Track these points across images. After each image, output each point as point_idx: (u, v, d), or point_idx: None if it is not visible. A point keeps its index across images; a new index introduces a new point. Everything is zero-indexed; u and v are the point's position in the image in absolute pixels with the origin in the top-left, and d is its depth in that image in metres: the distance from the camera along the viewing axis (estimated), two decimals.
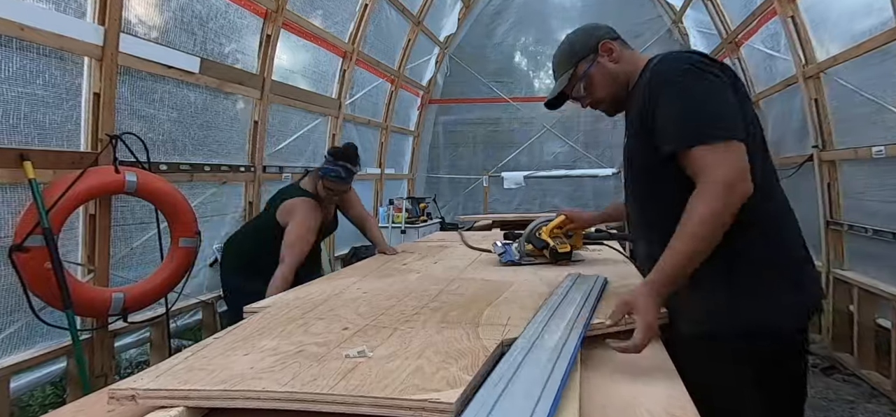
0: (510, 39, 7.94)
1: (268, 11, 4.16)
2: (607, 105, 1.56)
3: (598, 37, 1.53)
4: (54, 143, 2.76)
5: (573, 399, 0.96)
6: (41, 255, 2.51)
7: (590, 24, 1.61)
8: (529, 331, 1.25)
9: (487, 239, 3.14)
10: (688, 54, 1.36)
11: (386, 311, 1.49)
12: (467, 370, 1.00)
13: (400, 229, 6.51)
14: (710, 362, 1.27)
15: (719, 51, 6.20)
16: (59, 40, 2.67)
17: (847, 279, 3.96)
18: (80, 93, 2.88)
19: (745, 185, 1.21)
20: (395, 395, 0.90)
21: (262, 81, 4.23)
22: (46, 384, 2.93)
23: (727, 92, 1.29)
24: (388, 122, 6.83)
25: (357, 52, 5.57)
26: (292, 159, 4.91)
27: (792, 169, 4.84)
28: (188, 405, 0.95)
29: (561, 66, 1.59)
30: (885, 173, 3.58)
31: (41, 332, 2.74)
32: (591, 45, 1.52)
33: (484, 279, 1.97)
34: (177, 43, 3.44)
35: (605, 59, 1.51)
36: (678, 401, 1.01)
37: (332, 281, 1.98)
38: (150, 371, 1.05)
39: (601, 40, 1.52)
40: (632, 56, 1.53)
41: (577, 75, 1.54)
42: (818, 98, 4.24)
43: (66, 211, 2.65)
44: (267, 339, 1.24)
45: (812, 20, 4.22)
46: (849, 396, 3.49)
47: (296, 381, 0.97)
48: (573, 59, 1.55)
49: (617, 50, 1.51)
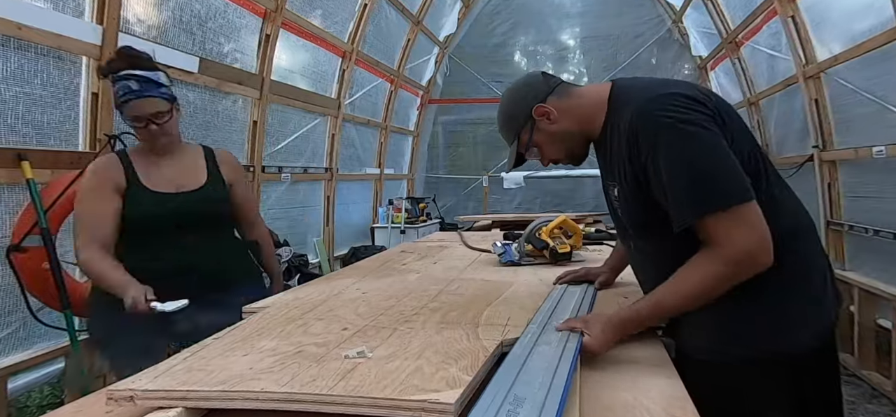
0: (510, 39, 7.94)
1: (267, 11, 4.15)
2: (566, 160, 1.46)
3: (529, 104, 1.40)
4: (52, 143, 2.75)
5: (573, 401, 0.96)
6: (39, 255, 2.50)
7: (521, 82, 1.48)
8: (529, 332, 1.24)
9: (487, 240, 3.13)
10: (670, 97, 1.20)
11: (385, 312, 1.47)
12: (467, 370, 1.00)
13: (399, 229, 6.51)
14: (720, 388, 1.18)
15: (719, 51, 6.21)
16: (57, 40, 2.66)
17: (847, 279, 3.95)
18: (78, 92, 2.87)
19: (767, 257, 1.12)
20: (394, 396, 0.89)
21: (261, 81, 4.22)
22: (44, 384, 2.92)
23: (721, 139, 1.16)
24: (387, 122, 6.82)
25: (356, 51, 5.57)
26: (291, 159, 4.91)
27: (792, 169, 4.83)
28: (187, 405, 0.94)
29: (504, 135, 1.50)
30: (886, 173, 3.58)
31: (39, 333, 2.73)
32: (526, 113, 1.40)
33: (483, 279, 1.96)
34: (176, 42, 3.43)
35: (544, 124, 1.39)
36: (678, 402, 1.00)
37: (331, 282, 1.97)
38: (148, 372, 1.04)
39: (532, 107, 1.39)
40: (580, 100, 1.39)
41: (522, 144, 1.44)
42: (818, 98, 4.23)
43: (65, 211, 2.64)
44: (266, 340, 1.23)
45: (812, 20, 4.22)
46: (849, 397, 3.48)
47: (295, 382, 0.96)
48: (513, 130, 1.45)
49: (552, 111, 1.37)
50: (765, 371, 1.19)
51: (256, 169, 4.28)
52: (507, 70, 7.93)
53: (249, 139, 4.26)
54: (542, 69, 6.96)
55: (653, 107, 1.20)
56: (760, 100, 5.50)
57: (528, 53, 8.05)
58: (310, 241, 5.38)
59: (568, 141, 1.41)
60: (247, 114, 4.23)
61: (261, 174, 4.35)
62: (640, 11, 7.41)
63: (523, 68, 8.06)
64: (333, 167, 5.57)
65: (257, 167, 4.29)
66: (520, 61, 8.08)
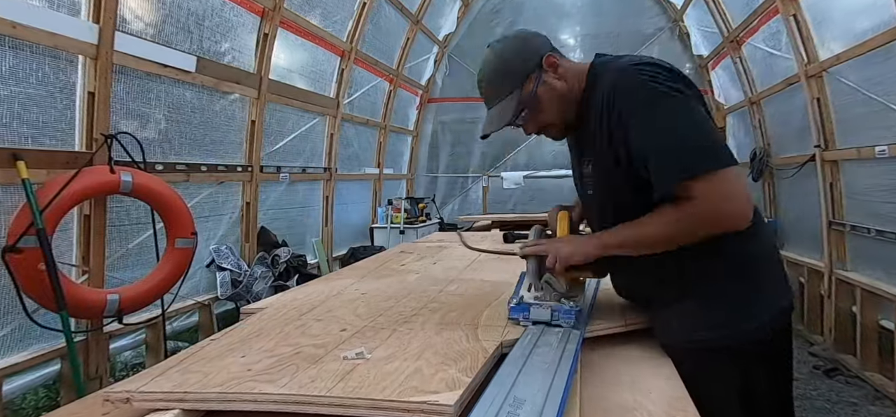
0: None
1: (265, 9, 4.13)
2: (557, 129, 1.38)
3: (538, 52, 1.31)
4: (48, 143, 2.73)
5: (573, 402, 0.96)
6: (35, 256, 2.48)
7: (521, 32, 1.38)
8: (529, 333, 1.22)
9: (487, 240, 3.12)
10: (651, 66, 1.19)
11: (384, 312, 1.47)
12: (466, 372, 1.00)
13: (398, 229, 6.49)
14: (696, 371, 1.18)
15: (720, 49, 6.19)
16: (53, 38, 2.64)
17: (850, 280, 3.93)
18: (74, 91, 2.85)
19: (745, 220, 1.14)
20: (393, 397, 0.89)
21: (260, 80, 4.20)
22: (40, 386, 2.89)
23: (701, 107, 1.19)
24: (386, 122, 6.81)
25: (355, 50, 5.55)
26: (290, 159, 4.89)
27: (794, 168, 4.82)
28: (184, 407, 0.94)
29: (497, 89, 1.33)
30: (889, 173, 3.56)
31: (35, 334, 2.71)
32: (534, 61, 1.30)
33: (483, 279, 1.95)
34: (173, 41, 3.41)
35: (551, 77, 1.30)
36: (679, 403, 1.00)
37: (330, 282, 1.96)
38: (145, 374, 1.04)
39: (544, 55, 1.30)
40: (572, 65, 1.35)
41: (522, 99, 1.30)
42: (820, 97, 4.21)
43: (61, 212, 2.62)
44: (264, 341, 1.23)
45: (814, 18, 4.20)
46: (852, 398, 3.46)
47: (293, 383, 0.96)
48: (515, 79, 1.31)
49: (562, 64, 1.32)
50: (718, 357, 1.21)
51: (255, 168, 4.26)
52: None
53: (247, 139, 4.24)
54: None
55: (632, 71, 1.20)
56: (761, 100, 5.48)
57: None
58: (308, 242, 5.36)
59: (567, 104, 1.33)
60: (245, 114, 4.21)
61: (259, 174, 4.33)
62: (641, 10, 7.39)
63: None
64: (332, 167, 5.55)
65: (255, 167, 4.27)
66: None
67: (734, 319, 1.21)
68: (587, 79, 1.31)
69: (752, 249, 1.25)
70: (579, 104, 1.32)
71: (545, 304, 1.29)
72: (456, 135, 8.11)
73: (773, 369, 1.26)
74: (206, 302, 3.83)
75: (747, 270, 1.23)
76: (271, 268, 4.33)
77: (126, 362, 3.65)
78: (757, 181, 5.68)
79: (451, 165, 8.17)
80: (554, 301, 1.30)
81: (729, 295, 1.23)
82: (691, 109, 1.16)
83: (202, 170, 3.74)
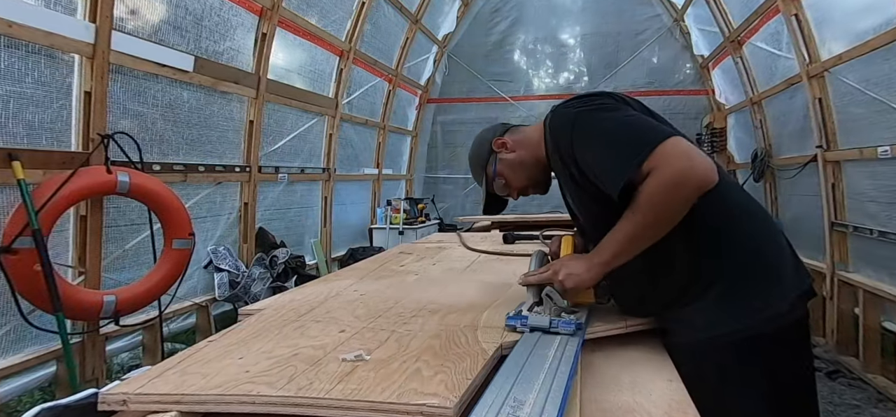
0: (509, 37, 7.90)
1: (263, 9, 4.11)
2: (532, 187, 1.62)
3: (489, 140, 1.63)
4: (44, 143, 2.71)
5: (573, 404, 0.96)
6: (30, 257, 2.46)
7: (478, 134, 1.72)
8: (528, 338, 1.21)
9: (486, 240, 3.10)
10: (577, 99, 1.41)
11: (383, 313, 1.45)
12: (466, 373, 0.99)
13: (398, 230, 6.48)
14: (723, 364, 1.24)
15: (721, 49, 6.18)
16: (49, 38, 2.62)
17: (852, 281, 3.92)
18: (70, 91, 2.83)
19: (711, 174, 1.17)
20: (392, 399, 0.89)
21: (258, 80, 4.18)
22: (35, 389, 2.87)
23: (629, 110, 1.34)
24: (385, 122, 6.79)
25: (354, 50, 5.53)
26: (288, 159, 4.88)
27: (795, 169, 4.81)
28: (181, 409, 0.93)
29: (476, 177, 1.70)
30: (891, 174, 3.54)
31: (30, 336, 2.69)
32: (487, 148, 1.63)
33: (483, 280, 1.93)
34: (170, 41, 3.39)
35: (504, 154, 1.60)
36: (680, 405, 1.00)
37: (329, 283, 1.94)
38: (142, 375, 1.03)
39: (490, 141, 1.62)
40: (526, 132, 1.60)
41: (489, 178, 1.63)
42: (822, 97, 4.20)
43: (57, 212, 2.60)
44: (262, 342, 1.21)
45: (815, 18, 4.18)
46: (854, 400, 3.44)
47: (292, 385, 0.95)
48: (480, 167, 1.65)
49: (508, 141, 1.59)
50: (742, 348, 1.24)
51: (253, 169, 4.25)
52: (507, 68, 7.91)
53: (246, 139, 4.22)
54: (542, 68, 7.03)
55: (561, 109, 1.43)
56: (763, 100, 5.46)
57: (528, 52, 8.01)
58: (307, 242, 5.34)
59: (527, 168, 1.57)
60: (243, 114, 4.19)
61: (257, 174, 4.31)
62: (642, 9, 7.38)
63: (523, 67, 8.03)
64: (331, 167, 5.54)
65: (254, 167, 4.25)
66: (519, 60, 8.04)
67: (755, 308, 1.25)
68: (544, 134, 1.50)
69: (764, 239, 1.33)
70: (546, 158, 1.52)
71: (545, 317, 1.27)
72: (455, 135, 8.10)
73: (796, 355, 1.32)
74: (203, 303, 3.81)
75: (762, 260, 1.30)
76: (269, 269, 4.31)
77: (123, 364, 3.63)
78: (758, 181, 5.66)
79: (450, 166, 8.15)
80: (554, 316, 1.29)
81: (748, 286, 1.27)
82: (619, 113, 1.32)
83: (200, 171, 3.72)
